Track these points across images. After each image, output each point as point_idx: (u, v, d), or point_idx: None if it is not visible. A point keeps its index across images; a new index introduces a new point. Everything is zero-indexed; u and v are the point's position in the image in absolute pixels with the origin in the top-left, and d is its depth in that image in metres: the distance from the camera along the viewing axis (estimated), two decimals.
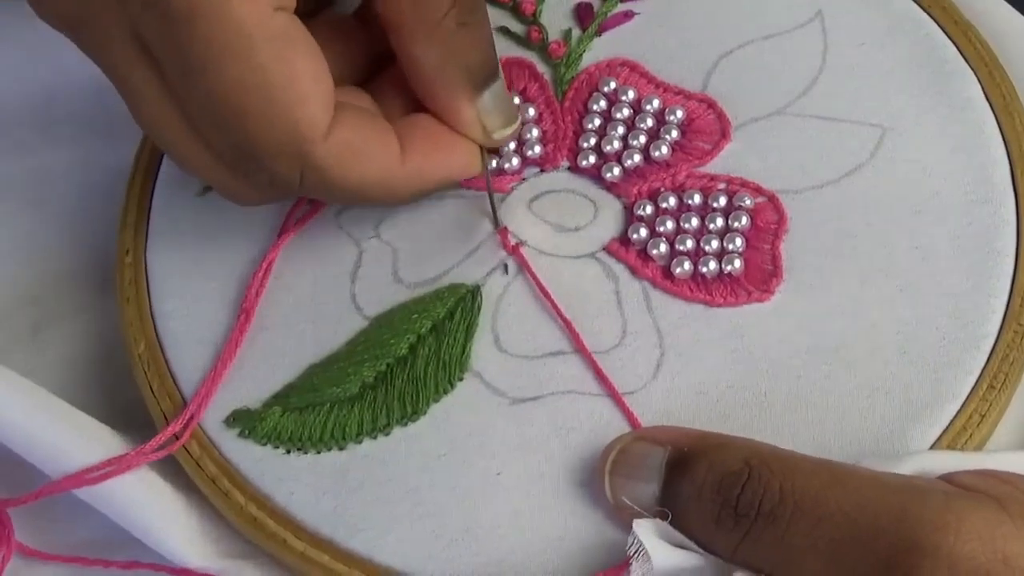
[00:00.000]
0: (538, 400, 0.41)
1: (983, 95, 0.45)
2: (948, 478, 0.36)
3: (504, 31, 0.49)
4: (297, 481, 0.41)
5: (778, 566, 0.35)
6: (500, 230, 0.44)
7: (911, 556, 0.32)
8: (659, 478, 0.37)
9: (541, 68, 0.48)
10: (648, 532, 0.36)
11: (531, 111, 0.47)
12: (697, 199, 0.44)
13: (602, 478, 0.38)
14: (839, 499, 0.34)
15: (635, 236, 0.43)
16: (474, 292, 0.43)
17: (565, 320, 0.42)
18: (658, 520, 0.36)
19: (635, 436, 0.39)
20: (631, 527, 0.36)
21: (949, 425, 0.40)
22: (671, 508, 0.37)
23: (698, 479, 0.36)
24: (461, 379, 0.42)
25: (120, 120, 0.46)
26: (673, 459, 0.37)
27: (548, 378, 0.42)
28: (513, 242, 0.44)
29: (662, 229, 0.43)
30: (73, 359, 0.47)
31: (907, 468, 0.37)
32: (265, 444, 0.42)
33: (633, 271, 0.43)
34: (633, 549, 0.36)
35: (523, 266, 0.43)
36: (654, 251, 0.43)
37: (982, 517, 0.33)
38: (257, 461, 0.41)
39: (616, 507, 0.38)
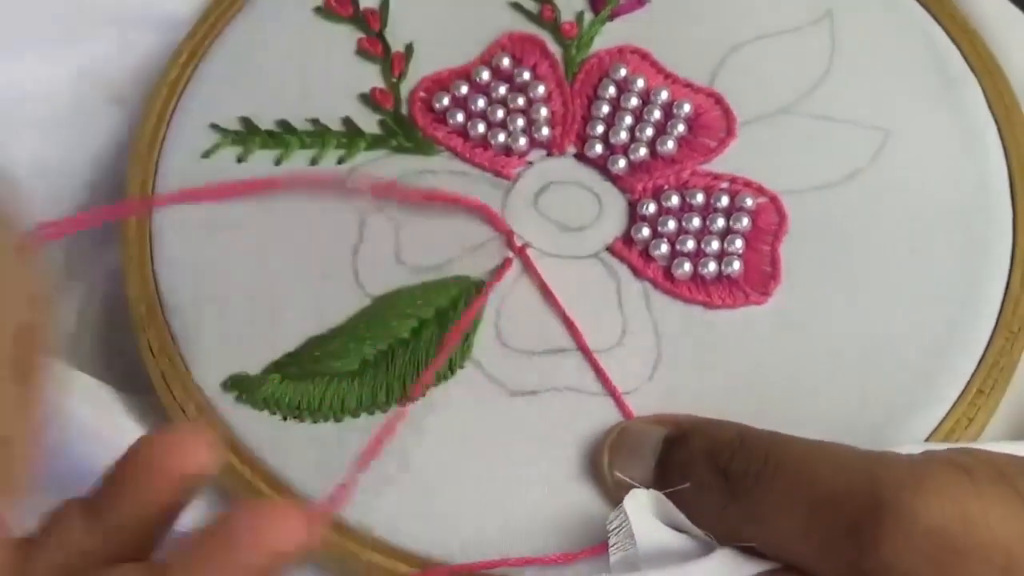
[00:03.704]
0: (536, 394, 0.42)
1: (986, 103, 0.46)
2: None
3: (517, 6, 0.49)
4: (293, 448, 0.41)
5: (760, 529, 0.35)
6: (506, 232, 0.44)
7: (875, 514, 0.33)
8: (656, 455, 0.38)
9: (552, 47, 0.48)
10: (639, 506, 0.37)
11: (541, 89, 0.47)
12: (700, 199, 0.44)
13: (601, 457, 0.39)
14: (817, 462, 0.35)
15: (638, 236, 0.44)
16: (479, 285, 0.43)
17: (569, 321, 0.42)
18: (652, 491, 0.37)
19: (637, 419, 0.40)
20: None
21: (936, 428, 0.40)
22: (665, 480, 0.37)
23: (693, 447, 0.37)
24: (462, 367, 0.42)
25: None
26: (671, 435, 0.38)
27: (548, 374, 0.42)
28: (519, 244, 0.44)
29: (664, 229, 0.44)
30: (74, 317, 0.47)
31: None
32: (262, 410, 0.42)
33: (635, 271, 0.43)
34: (615, 524, 0.36)
35: (529, 267, 0.44)
36: (655, 252, 0.43)
37: (943, 478, 0.33)
38: (254, 426, 0.42)
39: (612, 485, 0.39)
